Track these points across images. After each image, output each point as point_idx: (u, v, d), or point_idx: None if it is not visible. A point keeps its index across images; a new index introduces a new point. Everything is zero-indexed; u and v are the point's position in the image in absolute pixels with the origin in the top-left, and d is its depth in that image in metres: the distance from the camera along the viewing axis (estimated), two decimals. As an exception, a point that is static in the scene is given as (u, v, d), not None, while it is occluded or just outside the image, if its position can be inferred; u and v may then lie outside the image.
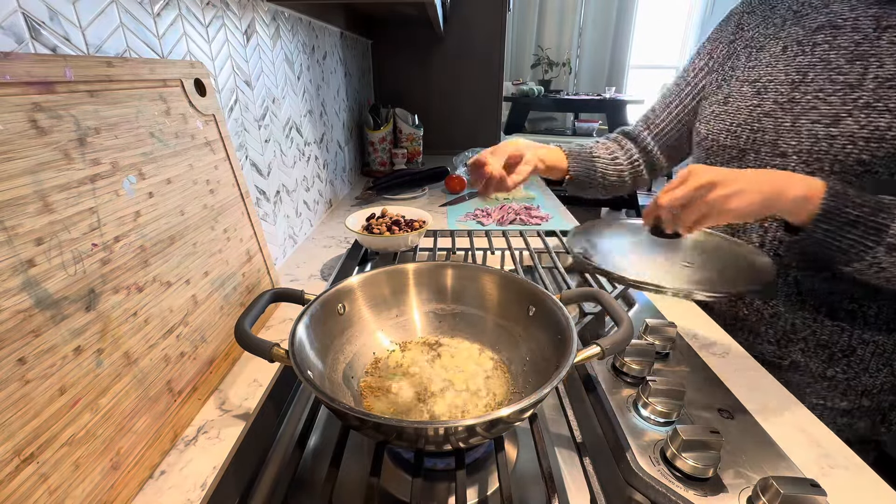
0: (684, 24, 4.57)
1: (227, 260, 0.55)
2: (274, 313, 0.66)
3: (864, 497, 0.38)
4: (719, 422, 0.43)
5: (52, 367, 0.31)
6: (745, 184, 0.47)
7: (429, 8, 0.97)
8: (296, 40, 0.90)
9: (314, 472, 0.42)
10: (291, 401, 0.50)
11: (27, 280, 0.30)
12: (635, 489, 0.37)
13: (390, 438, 0.35)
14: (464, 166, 1.43)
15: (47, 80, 0.33)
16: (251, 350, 0.40)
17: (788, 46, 0.59)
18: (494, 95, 1.72)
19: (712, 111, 0.67)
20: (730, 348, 0.58)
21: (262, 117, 0.75)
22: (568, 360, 0.37)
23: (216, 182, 0.54)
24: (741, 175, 0.48)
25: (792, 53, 0.58)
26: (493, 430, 0.36)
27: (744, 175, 0.48)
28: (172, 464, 0.40)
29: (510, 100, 3.41)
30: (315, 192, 1.03)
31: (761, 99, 0.60)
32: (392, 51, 1.65)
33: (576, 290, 0.49)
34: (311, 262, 0.84)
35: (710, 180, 0.47)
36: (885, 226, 0.45)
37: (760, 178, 0.48)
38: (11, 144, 0.30)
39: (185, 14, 0.53)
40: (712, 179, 0.47)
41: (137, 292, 0.40)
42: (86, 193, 0.36)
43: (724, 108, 0.65)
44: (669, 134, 0.78)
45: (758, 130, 0.60)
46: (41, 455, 0.29)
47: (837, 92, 0.53)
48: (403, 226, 0.81)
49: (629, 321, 0.41)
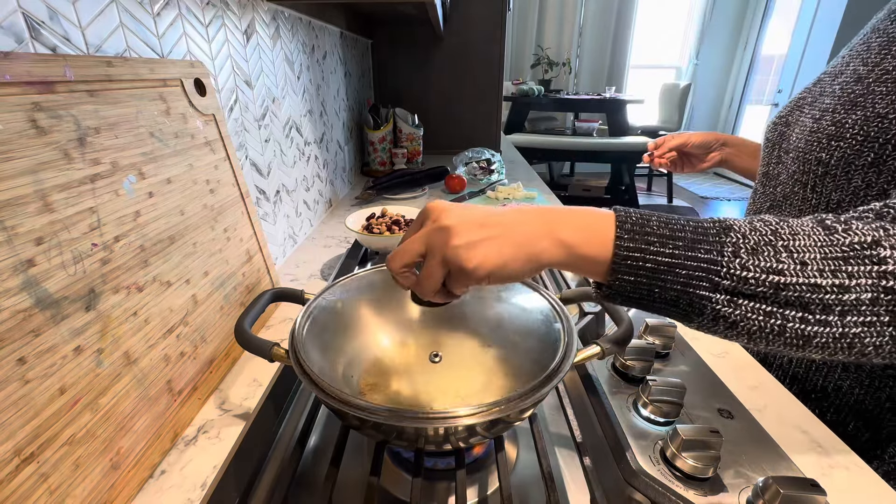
0: (684, 24, 4.57)
1: (227, 259, 0.55)
2: (274, 313, 0.66)
3: (864, 497, 0.38)
4: (719, 422, 0.43)
5: (52, 367, 0.31)
6: (494, 229, 0.32)
7: (429, 8, 0.97)
8: (296, 40, 0.90)
9: (314, 472, 0.42)
10: (291, 401, 0.50)
11: (27, 280, 0.30)
12: (635, 489, 0.37)
13: (390, 438, 0.35)
14: (462, 166, 1.43)
15: (47, 79, 0.33)
16: (251, 350, 0.40)
17: (866, 33, 0.51)
18: (494, 95, 1.72)
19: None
20: (730, 348, 0.58)
21: (262, 117, 0.75)
22: (568, 360, 0.37)
23: (216, 182, 0.54)
24: (493, 216, 0.33)
25: (860, 40, 0.51)
26: (493, 430, 0.36)
27: (499, 216, 0.33)
28: (172, 463, 0.40)
29: (510, 100, 3.41)
30: (315, 192, 1.03)
31: (808, 91, 0.55)
32: (392, 51, 1.65)
33: (575, 290, 0.49)
34: (311, 262, 0.84)
35: (442, 225, 0.32)
36: (715, 262, 0.30)
37: (523, 219, 0.33)
38: (11, 144, 0.30)
39: (185, 14, 0.53)
40: (445, 224, 0.32)
41: (137, 292, 0.40)
42: (86, 193, 0.35)
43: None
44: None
45: (788, 123, 0.56)
46: (41, 455, 0.29)
47: (848, 84, 0.48)
48: (403, 226, 0.81)
49: (629, 321, 0.42)
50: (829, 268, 0.29)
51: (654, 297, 0.31)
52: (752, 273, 0.29)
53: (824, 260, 0.29)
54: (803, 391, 0.55)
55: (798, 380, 0.56)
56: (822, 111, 0.50)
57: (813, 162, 0.48)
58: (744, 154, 0.80)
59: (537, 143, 3.31)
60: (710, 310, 0.30)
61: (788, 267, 0.29)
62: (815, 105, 0.52)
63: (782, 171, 0.56)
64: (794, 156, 0.53)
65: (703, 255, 0.30)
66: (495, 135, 1.79)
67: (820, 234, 0.31)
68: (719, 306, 0.30)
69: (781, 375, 0.58)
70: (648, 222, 0.32)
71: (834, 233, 0.30)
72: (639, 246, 0.31)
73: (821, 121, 0.49)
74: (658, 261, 0.31)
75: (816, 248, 0.30)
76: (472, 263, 0.31)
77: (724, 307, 0.30)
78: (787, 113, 0.57)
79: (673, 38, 4.61)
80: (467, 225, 0.32)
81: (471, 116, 1.75)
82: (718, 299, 0.30)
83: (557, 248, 0.32)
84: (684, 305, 0.31)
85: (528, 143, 3.24)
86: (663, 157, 0.84)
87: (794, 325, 0.30)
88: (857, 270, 0.29)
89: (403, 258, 0.34)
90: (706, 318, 0.31)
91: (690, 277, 0.30)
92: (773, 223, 0.32)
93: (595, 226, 0.33)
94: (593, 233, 0.32)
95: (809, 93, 0.55)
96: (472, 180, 1.40)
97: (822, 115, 0.49)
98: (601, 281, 0.33)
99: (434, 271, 0.33)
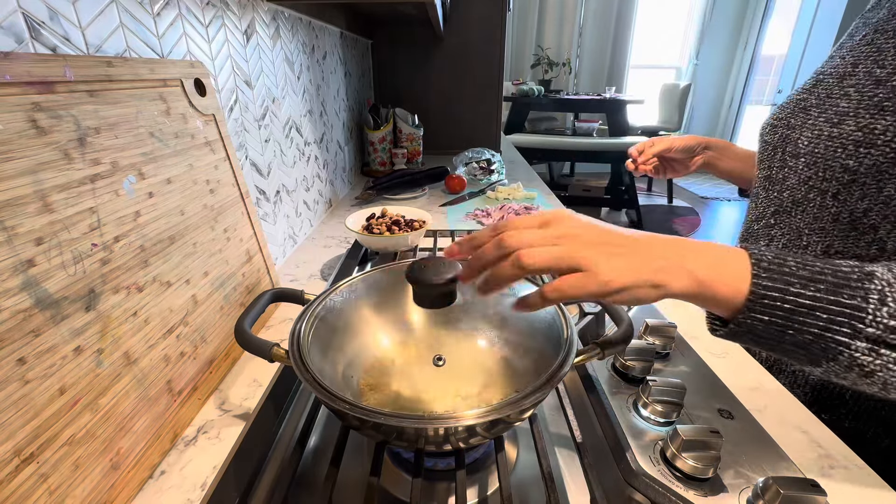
0: (684, 24, 4.58)
1: (227, 260, 0.55)
2: (274, 313, 0.66)
3: (864, 497, 0.38)
4: (719, 422, 0.43)
5: (52, 367, 0.31)
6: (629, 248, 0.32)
7: (429, 8, 0.97)
8: (296, 40, 0.90)
9: (314, 472, 0.42)
10: (291, 401, 0.50)
11: (27, 280, 0.30)
12: (635, 489, 0.37)
13: (390, 438, 0.35)
14: (462, 166, 1.43)
15: (47, 79, 0.33)
16: (251, 350, 0.40)
17: (867, 34, 0.49)
18: (494, 95, 1.72)
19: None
20: (730, 348, 0.58)
21: (262, 117, 0.75)
22: (568, 360, 0.37)
23: (216, 182, 0.54)
24: (625, 234, 0.33)
25: (861, 41, 0.49)
26: (493, 430, 0.36)
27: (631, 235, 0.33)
28: (172, 464, 0.40)
29: (510, 100, 3.41)
30: (315, 192, 1.03)
31: (809, 93, 0.53)
32: (392, 51, 1.65)
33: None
34: (311, 262, 0.84)
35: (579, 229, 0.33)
36: (860, 308, 0.29)
37: (656, 244, 0.33)
38: (11, 144, 0.30)
39: (185, 14, 0.53)
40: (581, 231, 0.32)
41: (137, 292, 0.40)
42: (86, 193, 0.35)
43: (784, 100, 0.59)
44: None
45: (791, 127, 0.54)
46: (41, 455, 0.29)
47: (865, 87, 0.45)
48: (403, 226, 0.81)
49: (629, 321, 0.41)
50: None
51: (786, 339, 0.31)
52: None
53: None
54: (818, 399, 0.54)
55: (813, 387, 0.54)
56: (839, 115, 0.47)
57: (837, 169, 0.46)
58: (726, 157, 0.78)
59: (537, 144, 3.31)
60: (847, 356, 0.30)
61: None
62: (826, 108, 0.50)
63: (790, 176, 0.54)
64: (806, 161, 0.51)
65: (847, 300, 0.29)
66: (495, 135, 1.79)
67: None
68: (858, 354, 0.29)
69: (792, 382, 0.56)
70: (786, 262, 0.31)
71: None
72: (778, 286, 0.30)
73: (841, 126, 0.47)
74: (798, 302, 0.30)
75: None
76: (607, 275, 0.30)
77: (864, 355, 0.29)
78: (787, 115, 0.56)
79: (673, 38, 4.61)
80: (600, 237, 0.32)
81: (471, 116, 1.75)
82: (859, 347, 0.29)
83: (689, 280, 0.32)
84: (817, 350, 0.30)
85: (528, 144, 3.24)
86: (647, 165, 0.81)
87: None
88: None
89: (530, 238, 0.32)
90: (840, 365, 0.30)
91: (831, 322, 0.29)
92: None
93: (729, 263, 0.32)
94: (726, 270, 0.32)
95: (811, 94, 0.53)
96: (472, 180, 1.40)
97: (841, 120, 0.47)
98: (726, 317, 0.32)
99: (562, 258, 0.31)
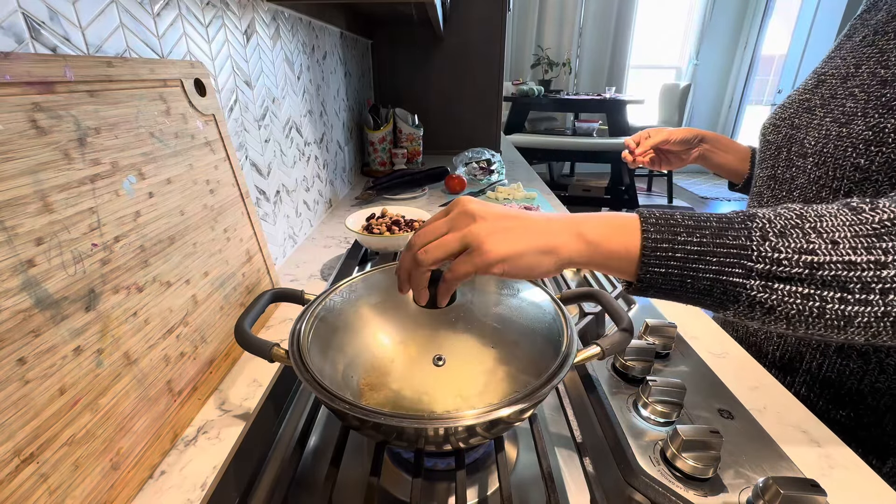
0: (684, 24, 4.58)
1: (226, 260, 0.54)
2: (274, 313, 0.66)
3: (864, 497, 0.38)
4: (719, 422, 0.43)
5: (52, 368, 0.31)
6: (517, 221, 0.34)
7: (429, 8, 0.97)
8: (296, 40, 0.90)
9: (314, 472, 0.42)
10: (291, 401, 0.50)
11: (27, 280, 0.30)
12: (635, 489, 0.37)
13: (390, 438, 0.35)
14: (462, 166, 1.43)
15: (47, 80, 0.33)
16: (251, 350, 0.40)
17: (867, 35, 0.50)
18: (494, 95, 1.72)
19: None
20: (730, 348, 0.58)
21: (262, 117, 0.75)
22: (568, 360, 0.37)
23: (216, 182, 0.54)
24: (519, 213, 0.35)
25: (861, 42, 0.50)
26: (493, 430, 0.36)
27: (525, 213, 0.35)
28: (172, 464, 0.40)
29: (510, 100, 3.41)
30: (315, 192, 1.03)
31: (812, 93, 0.54)
32: (392, 51, 1.65)
33: (575, 290, 0.49)
34: (311, 262, 0.84)
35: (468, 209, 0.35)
36: (744, 248, 0.30)
37: (548, 217, 0.35)
38: (11, 144, 0.30)
39: (185, 14, 0.53)
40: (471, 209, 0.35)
41: (137, 292, 0.40)
42: (86, 193, 0.35)
43: (784, 100, 0.60)
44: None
45: (796, 126, 0.54)
46: (41, 455, 0.29)
47: (871, 87, 0.46)
48: (403, 226, 0.81)
49: (629, 321, 0.41)
50: (862, 245, 0.29)
51: (687, 287, 0.32)
52: (783, 254, 0.29)
53: (855, 238, 0.29)
54: (837, 396, 0.53)
55: (831, 384, 0.53)
56: (846, 115, 0.48)
57: (848, 168, 0.46)
58: (719, 150, 0.78)
59: (537, 144, 3.31)
60: (746, 296, 0.31)
61: (820, 246, 0.29)
62: (832, 108, 0.50)
63: (798, 176, 0.54)
64: (815, 160, 0.51)
65: (732, 240, 0.30)
66: (495, 135, 1.79)
67: (847, 214, 0.30)
68: (754, 292, 0.30)
69: (810, 381, 0.55)
70: (672, 216, 0.32)
71: (861, 212, 0.30)
72: (666, 237, 0.31)
73: (850, 125, 0.47)
74: (688, 250, 0.31)
75: (845, 227, 0.30)
76: (489, 245, 0.33)
77: (760, 293, 0.30)
78: (791, 115, 0.56)
79: (673, 38, 4.61)
80: (493, 214, 0.34)
81: (471, 116, 1.75)
82: (753, 285, 0.30)
83: (578, 242, 0.33)
84: (718, 294, 0.31)
85: (528, 144, 3.24)
86: (645, 156, 0.82)
87: (833, 307, 0.29)
88: (892, 246, 0.29)
89: (428, 236, 0.36)
90: (742, 306, 0.31)
91: (722, 265, 0.30)
92: (796, 208, 0.32)
93: (618, 223, 0.33)
94: (617, 229, 0.33)
95: (815, 94, 0.53)
96: (472, 180, 1.40)
97: (849, 120, 0.47)
98: (629, 278, 0.33)
99: (450, 242, 0.34)
